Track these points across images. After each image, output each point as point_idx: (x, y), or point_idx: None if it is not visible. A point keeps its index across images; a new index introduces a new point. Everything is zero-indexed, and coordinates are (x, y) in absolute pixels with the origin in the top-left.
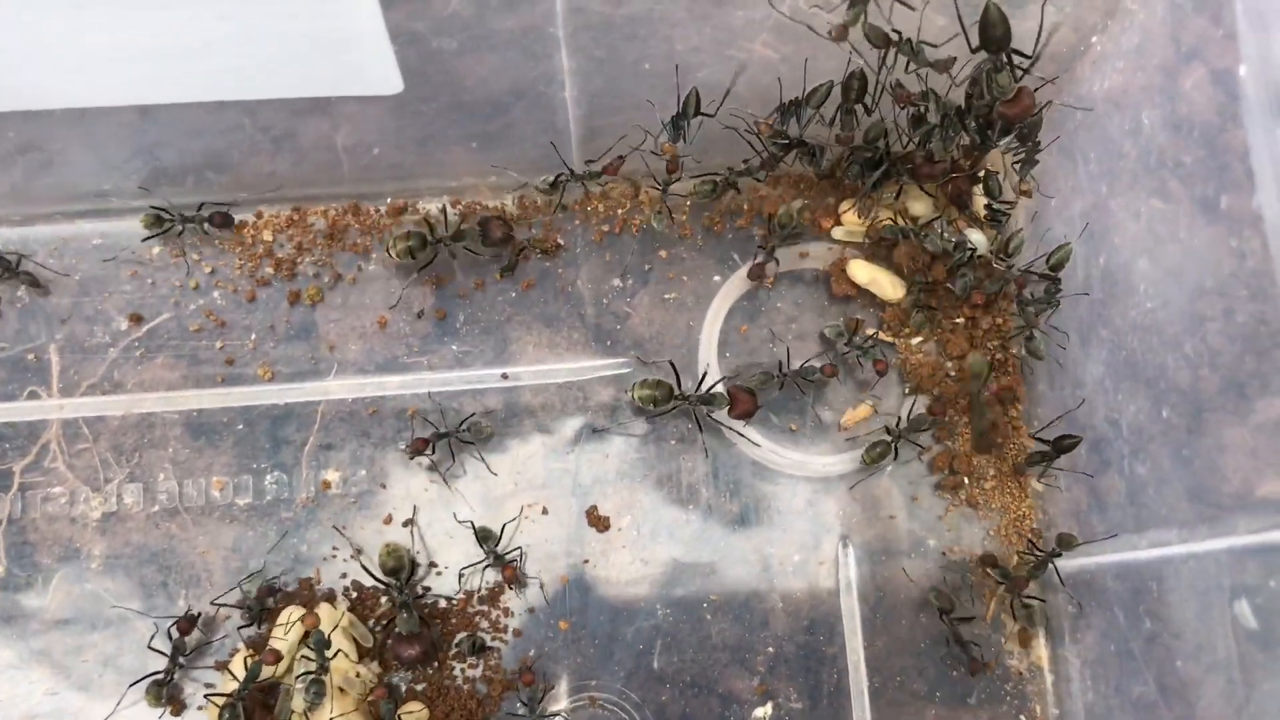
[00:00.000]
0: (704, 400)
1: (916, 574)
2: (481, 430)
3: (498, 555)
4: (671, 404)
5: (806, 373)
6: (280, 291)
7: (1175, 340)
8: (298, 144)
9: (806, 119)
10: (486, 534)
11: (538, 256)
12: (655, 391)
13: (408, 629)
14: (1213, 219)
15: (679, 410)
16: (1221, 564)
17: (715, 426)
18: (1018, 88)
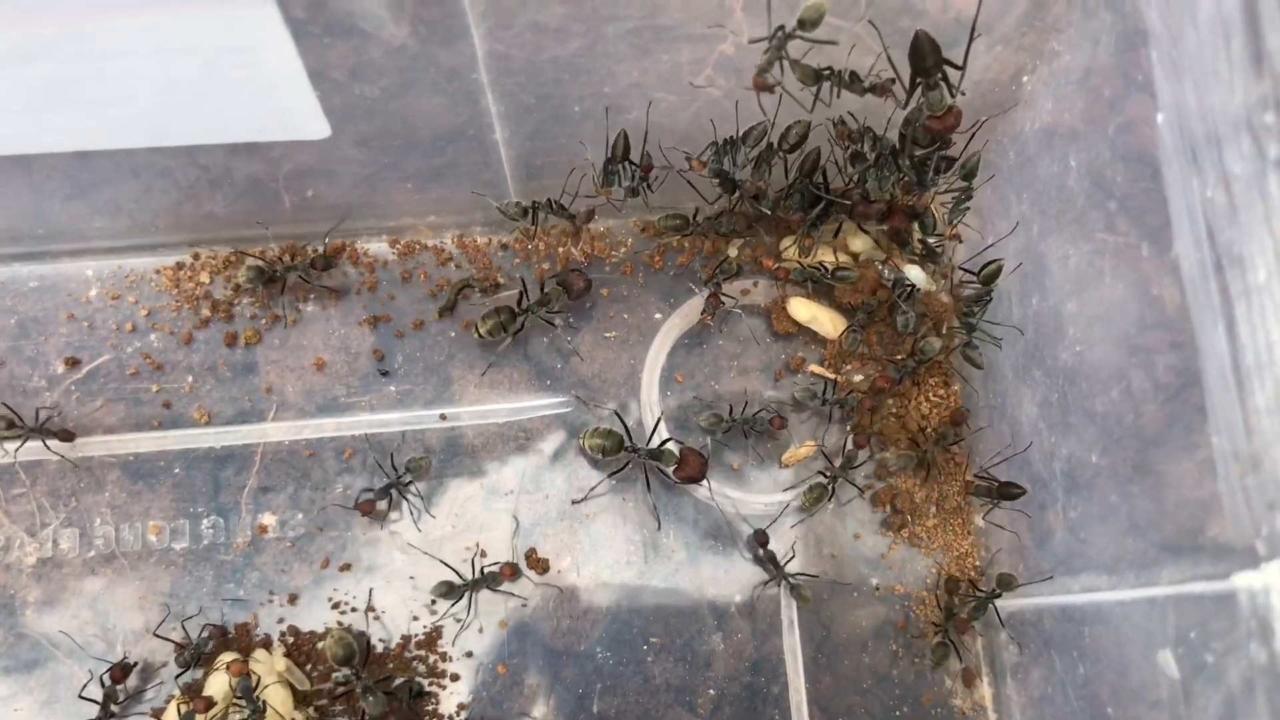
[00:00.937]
0: (653, 455)
1: (860, 612)
2: (420, 466)
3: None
4: (621, 454)
5: (756, 423)
6: (218, 333)
7: (1103, 385)
8: (235, 184)
9: (743, 158)
10: (448, 589)
11: (478, 296)
12: (606, 441)
13: (376, 711)
14: (1135, 266)
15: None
16: (1146, 613)
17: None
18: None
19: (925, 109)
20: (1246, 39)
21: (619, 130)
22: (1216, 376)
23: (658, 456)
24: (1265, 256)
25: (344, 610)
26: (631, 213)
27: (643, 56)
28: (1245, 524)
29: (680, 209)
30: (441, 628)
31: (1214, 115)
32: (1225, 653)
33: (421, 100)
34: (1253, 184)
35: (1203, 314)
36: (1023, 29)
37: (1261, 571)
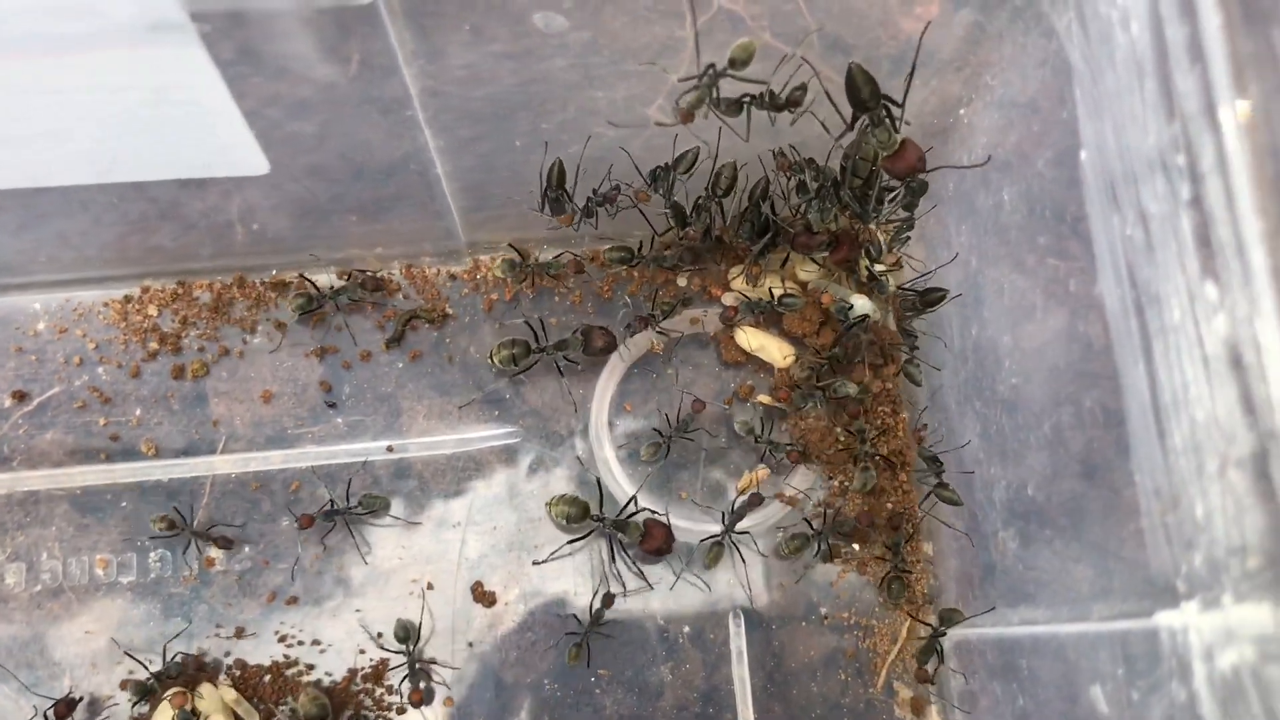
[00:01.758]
0: (618, 526)
1: (809, 641)
2: (375, 504)
3: (414, 668)
4: (586, 522)
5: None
6: (165, 366)
7: (1037, 418)
8: (184, 217)
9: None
10: (405, 632)
11: (425, 326)
12: (571, 509)
13: None
14: (1064, 301)
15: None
16: (1078, 647)
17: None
18: (901, 140)
19: (878, 149)
20: (1158, 80)
21: (554, 160)
22: (1138, 414)
23: (622, 528)
24: (1179, 296)
25: (290, 643)
26: (581, 243)
27: (579, 93)
28: (1166, 562)
29: (626, 241)
30: (388, 660)
31: (1131, 154)
32: (1150, 690)
33: (359, 136)
34: (1167, 223)
35: (1125, 351)
36: (957, 62)
37: (1181, 610)
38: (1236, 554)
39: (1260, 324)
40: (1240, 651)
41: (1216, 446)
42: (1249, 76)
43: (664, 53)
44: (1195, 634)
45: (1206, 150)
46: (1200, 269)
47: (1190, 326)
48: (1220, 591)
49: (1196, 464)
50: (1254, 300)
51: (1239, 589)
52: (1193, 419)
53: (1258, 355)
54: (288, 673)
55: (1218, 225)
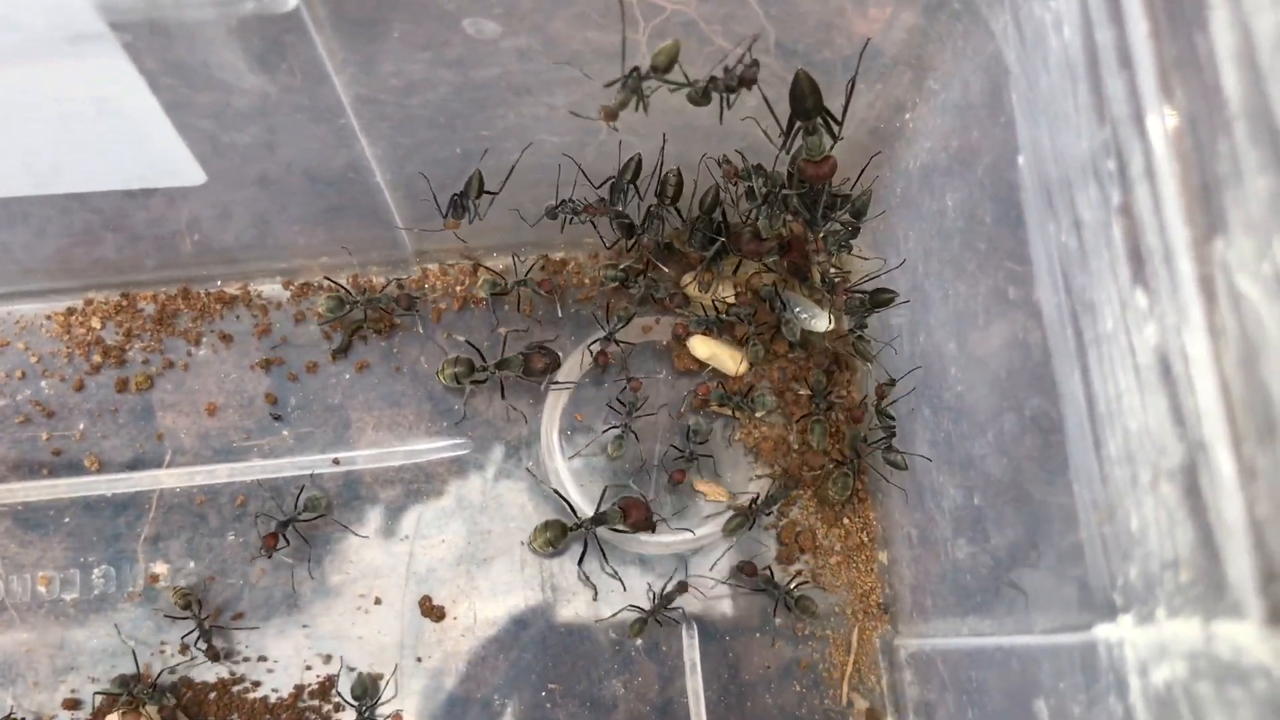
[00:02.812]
0: (599, 521)
1: (765, 653)
2: (318, 504)
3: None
4: (570, 535)
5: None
6: (109, 379)
7: (981, 427)
8: (129, 228)
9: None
10: (363, 689)
11: (374, 337)
12: (551, 533)
13: None
14: (1004, 308)
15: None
16: (1022, 659)
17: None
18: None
19: (804, 152)
20: (1090, 84)
21: (474, 170)
22: (1075, 424)
23: (602, 519)
24: (1112, 305)
25: (236, 660)
26: (532, 250)
27: (519, 99)
28: (1104, 574)
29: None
30: (335, 677)
31: (1066, 159)
32: (1090, 704)
33: (296, 145)
34: (1099, 230)
35: (1062, 360)
36: (901, 66)
37: (1117, 624)
38: (1169, 567)
39: (1188, 334)
40: (1173, 667)
41: (1149, 457)
42: (1175, 81)
43: (602, 57)
44: (1130, 648)
45: (1135, 156)
46: (1131, 277)
47: (1122, 335)
48: (1154, 605)
49: (1131, 475)
50: (1181, 310)
51: (1172, 603)
52: (1126, 429)
53: (1185, 366)
54: (233, 690)
55: (1147, 232)
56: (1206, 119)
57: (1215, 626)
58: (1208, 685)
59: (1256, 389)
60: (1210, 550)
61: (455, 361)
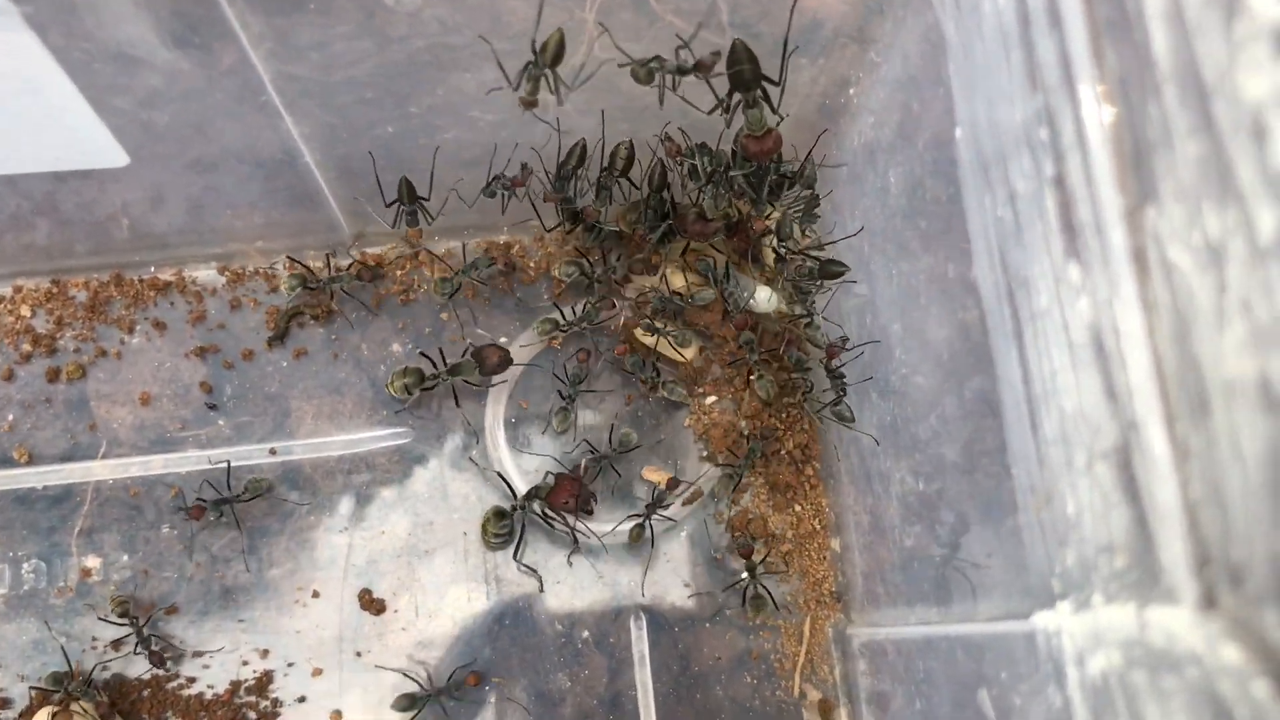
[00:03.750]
0: (530, 496)
1: (716, 643)
2: (259, 487)
3: None
4: (512, 519)
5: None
6: (40, 368)
7: (924, 410)
8: (59, 214)
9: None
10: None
11: (310, 322)
12: (501, 521)
13: None
14: (944, 288)
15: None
16: (966, 649)
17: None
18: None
19: (745, 128)
20: (1023, 51)
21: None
22: (1012, 405)
23: (534, 495)
24: (1046, 280)
25: (170, 655)
26: (476, 234)
27: (445, 75)
28: (1042, 560)
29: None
30: (272, 672)
31: (1001, 130)
32: (1030, 695)
33: (217, 125)
34: (1033, 203)
35: (999, 338)
36: (843, 39)
37: (1056, 611)
38: (1105, 552)
39: (1120, 307)
40: (1108, 656)
41: (1084, 438)
42: (1105, 43)
43: (531, 28)
44: (1068, 637)
45: (1067, 123)
46: (1064, 250)
47: (1057, 311)
48: (1091, 592)
49: (1066, 457)
50: (1114, 283)
51: (1108, 589)
52: (1062, 409)
53: (1118, 341)
54: (168, 686)
55: (1079, 203)
56: (1137, 82)
57: (1149, 613)
58: (1142, 674)
59: (1189, 364)
60: (1144, 534)
61: (405, 373)
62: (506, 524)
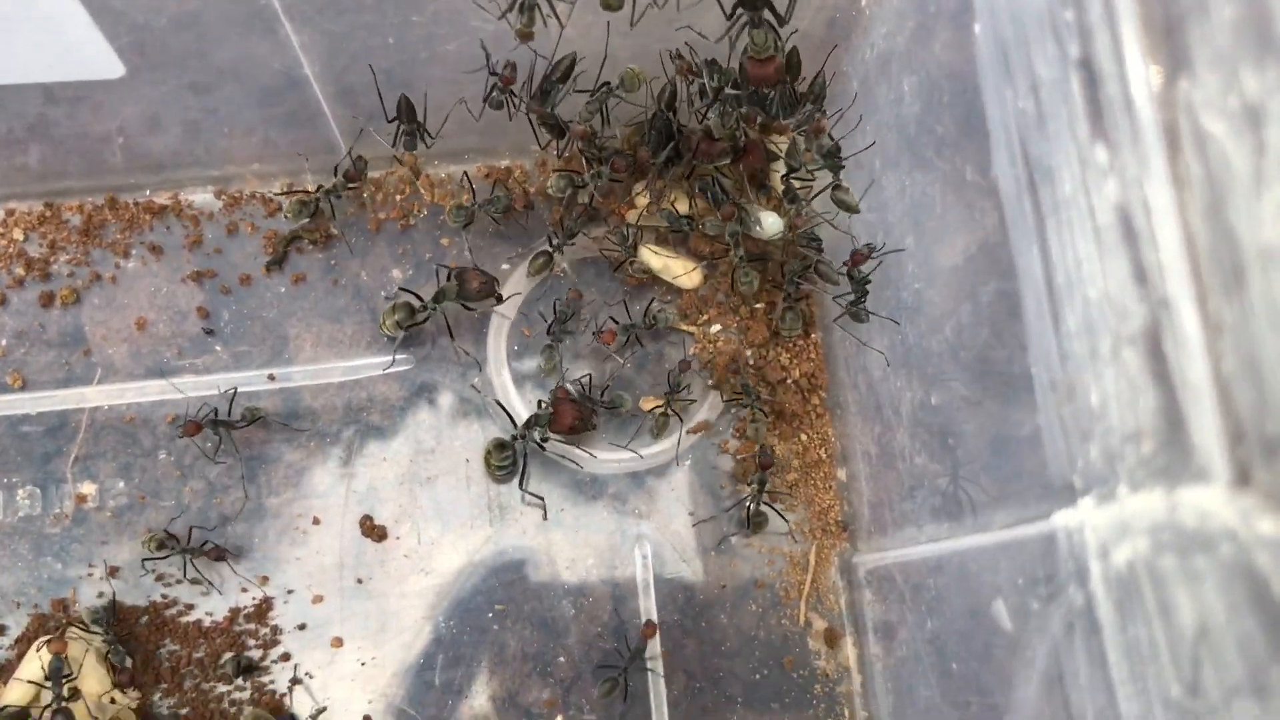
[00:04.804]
0: (529, 424)
1: (721, 573)
2: (255, 414)
3: None
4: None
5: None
6: (33, 293)
7: (938, 322)
8: (51, 135)
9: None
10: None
11: (309, 247)
12: (504, 453)
13: None
14: (960, 192)
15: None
16: (979, 560)
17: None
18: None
19: (749, 48)
20: None
21: (399, 94)
22: (1033, 302)
23: (534, 422)
24: (1070, 167)
25: (169, 583)
26: (476, 158)
27: None
28: (1063, 458)
29: (572, 170)
30: (272, 599)
31: (1022, 17)
32: (1049, 599)
33: (214, 31)
34: (1057, 89)
35: (1019, 235)
36: None
37: (1077, 508)
38: (1131, 440)
39: (1150, 185)
40: (1134, 545)
41: (1109, 325)
42: None
43: None
44: (1091, 531)
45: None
46: (1090, 132)
47: (1082, 198)
48: (1115, 483)
49: (1090, 347)
50: (1143, 160)
51: (1134, 477)
52: (1086, 298)
53: (1148, 219)
54: (166, 613)
55: (1106, 82)
56: None
57: (1179, 495)
58: (1171, 558)
59: (1223, 236)
60: (1174, 416)
61: (394, 309)
62: (509, 455)
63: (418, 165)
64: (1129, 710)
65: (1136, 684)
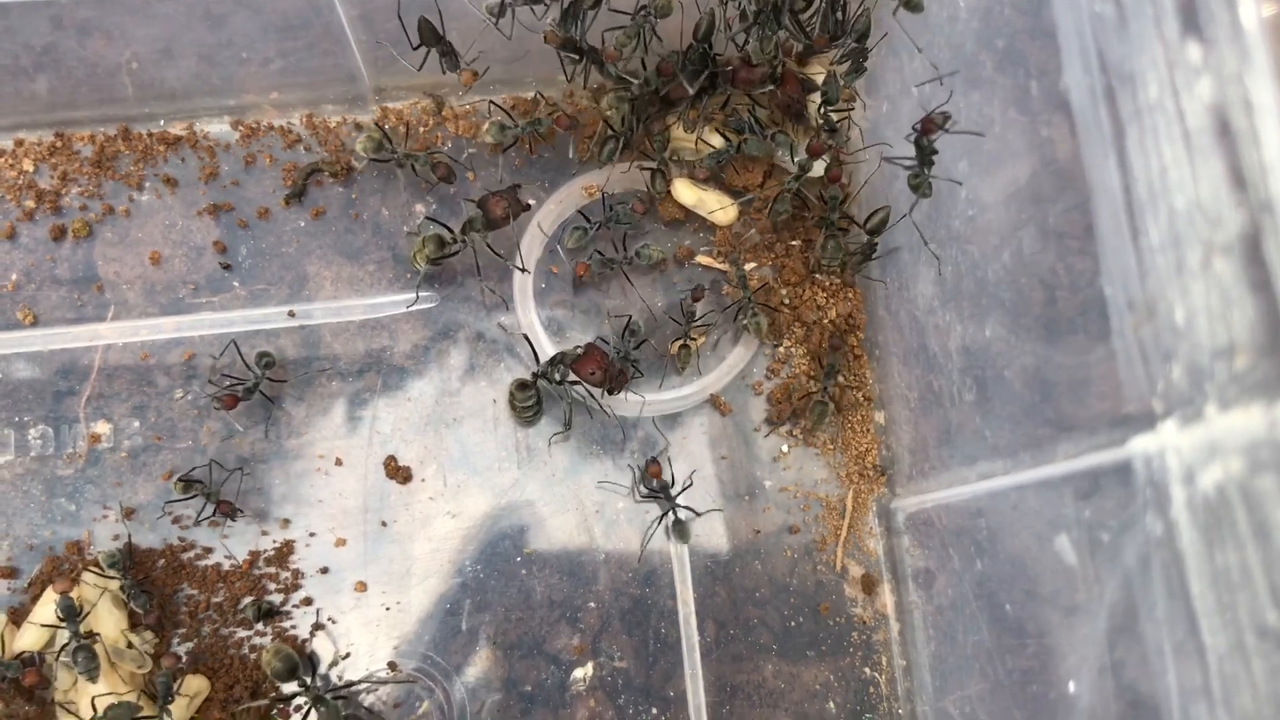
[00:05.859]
0: (554, 362)
1: (754, 519)
2: (271, 359)
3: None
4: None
5: (619, 214)
6: (44, 226)
7: (995, 250)
8: (61, 63)
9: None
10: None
11: (329, 180)
12: (525, 394)
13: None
14: (1023, 108)
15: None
16: (1040, 495)
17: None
18: None
19: None
20: None
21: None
22: (1108, 218)
23: (560, 360)
24: (1157, 70)
25: (186, 525)
26: (501, 89)
27: None
28: (1141, 382)
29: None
30: (293, 542)
31: None
32: (1122, 530)
33: None
34: None
35: (1093, 148)
36: None
37: (1157, 433)
38: (1222, 356)
39: (1251, 79)
40: (1225, 466)
41: (1200, 234)
42: None
43: None
44: (1174, 455)
45: None
46: (1180, 30)
47: (1169, 101)
48: (1202, 403)
49: (1176, 260)
50: (1245, 53)
51: (1224, 395)
52: (1171, 209)
53: (1249, 117)
54: (183, 557)
55: None
56: None
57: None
58: (1270, 477)
59: None
60: (1274, 325)
61: (424, 243)
62: (531, 394)
63: (441, 97)
64: (1215, 642)
65: (1225, 614)
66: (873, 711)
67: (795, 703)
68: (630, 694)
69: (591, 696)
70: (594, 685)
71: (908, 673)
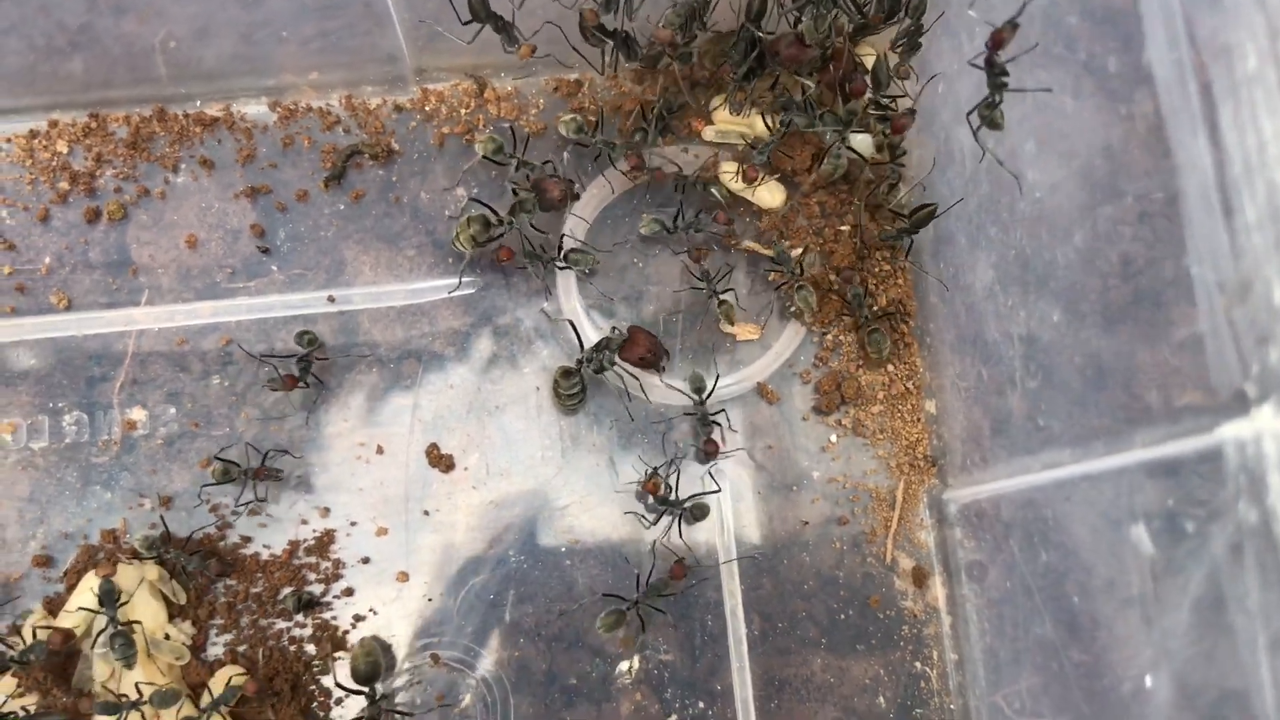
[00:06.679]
0: (599, 348)
1: (801, 510)
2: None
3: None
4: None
5: (698, 223)
6: (78, 209)
7: (1065, 231)
8: (98, 42)
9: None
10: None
11: (369, 163)
12: (570, 381)
13: None
14: (1101, 83)
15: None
16: (1116, 484)
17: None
18: None
19: None
20: None
21: None
22: (1198, 196)
23: (607, 345)
24: (1256, 40)
25: (224, 514)
26: (544, 70)
27: None
28: (1232, 366)
29: None
30: (334, 531)
31: None
32: (1209, 519)
33: None
34: None
35: (1180, 125)
36: None
37: (1251, 418)
38: None
39: None
40: None
41: None
42: None
43: None
44: (1271, 441)
45: None
46: None
47: (1271, 71)
48: None
49: (1274, 238)
50: None
51: None
52: (1271, 184)
53: None
54: (221, 546)
55: None
56: None
57: None
58: None
59: None
60: None
61: (469, 223)
62: (576, 381)
63: (484, 79)
64: None
65: None
66: (923, 706)
67: (844, 697)
68: (676, 687)
69: (637, 690)
70: (639, 679)
71: (959, 667)
